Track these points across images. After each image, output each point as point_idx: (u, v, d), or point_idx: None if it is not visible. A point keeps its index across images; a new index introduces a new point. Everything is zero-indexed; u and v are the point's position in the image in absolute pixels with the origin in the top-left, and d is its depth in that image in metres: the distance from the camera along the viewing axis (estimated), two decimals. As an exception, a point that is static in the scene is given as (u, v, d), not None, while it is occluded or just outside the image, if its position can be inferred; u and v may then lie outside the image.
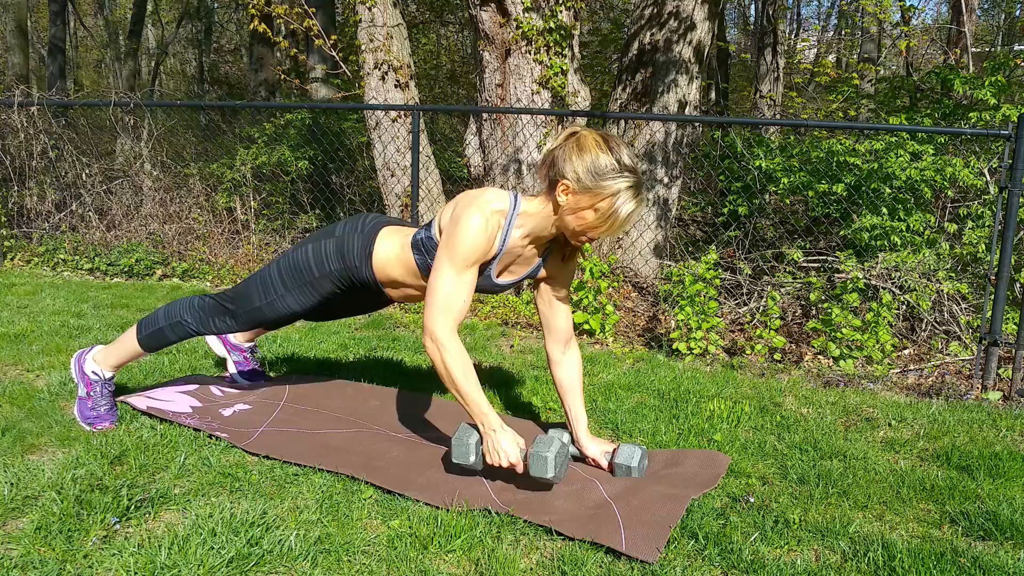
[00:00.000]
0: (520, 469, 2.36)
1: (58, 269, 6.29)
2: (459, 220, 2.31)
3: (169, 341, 2.82)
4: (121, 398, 3.00)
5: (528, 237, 2.45)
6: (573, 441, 2.70)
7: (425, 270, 2.53)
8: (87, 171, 6.78)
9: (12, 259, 6.51)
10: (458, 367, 2.31)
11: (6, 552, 1.97)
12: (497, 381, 3.64)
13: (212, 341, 3.41)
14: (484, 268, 2.45)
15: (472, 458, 2.38)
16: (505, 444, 2.34)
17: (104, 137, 7.48)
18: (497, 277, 2.52)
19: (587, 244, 2.46)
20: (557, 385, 2.74)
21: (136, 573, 1.89)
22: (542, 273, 2.61)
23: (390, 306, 5.28)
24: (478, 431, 2.39)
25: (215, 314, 2.76)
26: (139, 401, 2.96)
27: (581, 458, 2.69)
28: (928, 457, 2.88)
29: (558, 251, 2.59)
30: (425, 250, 2.49)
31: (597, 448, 2.66)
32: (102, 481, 2.35)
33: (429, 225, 2.52)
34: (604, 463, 2.63)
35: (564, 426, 2.82)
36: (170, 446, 2.65)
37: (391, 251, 2.58)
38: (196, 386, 3.23)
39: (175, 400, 3.02)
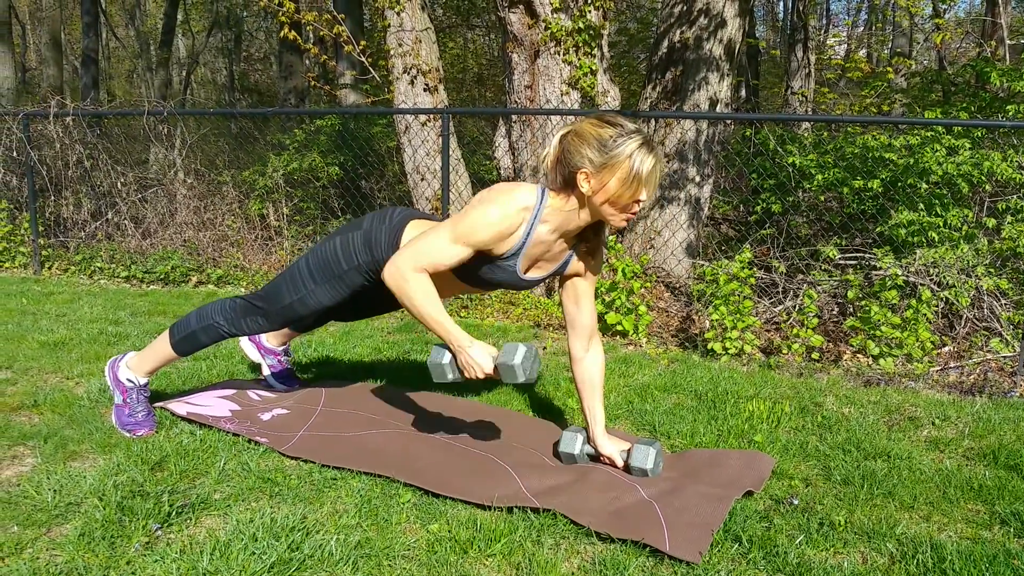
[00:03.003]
0: (495, 376, 2.42)
1: (95, 277, 6.37)
2: (480, 204, 2.36)
3: (202, 344, 2.84)
4: (160, 404, 3.03)
5: (556, 232, 2.45)
6: (589, 439, 2.70)
7: (457, 271, 2.53)
8: (122, 180, 6.86)
9: (50, 268, 6.60)
10: (419, 292, 2.36)
11: (51, 558, 1.99)
12: (531, 384, 3.62)
13: (246, 346, 3.42)
14: (507, 262, 2.45)
15: (450, 376, 2.45)
16: (478, 357, 2.38)
17: (138, 146, 7.57)
18: (524, 273, 2.52)
19: (627, 221, 2.44)
20: (577, 382, 2.74)
21: (179, 579, 1.90)
22: (570, 269, 2.62)
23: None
24: (448, 350, 2.45)
25: (246, 314, 2.77)
26: (178, 407, 2.98)
27: (596, 457, 2.69)
28: (974, 456, 2.82)
29: (583, 245, 2.59)
30: None
31: (613, 447, 2.66)
32: (143, 487, 2.36)
33: None
34: (619, 462, 2.62)
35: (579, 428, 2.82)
36: (210, 451, 2.66)
37: None
38: (234, 391, 3.25)
39: (214, 405, 3.04)
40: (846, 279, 4.69)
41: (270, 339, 3.39)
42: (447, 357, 2.45)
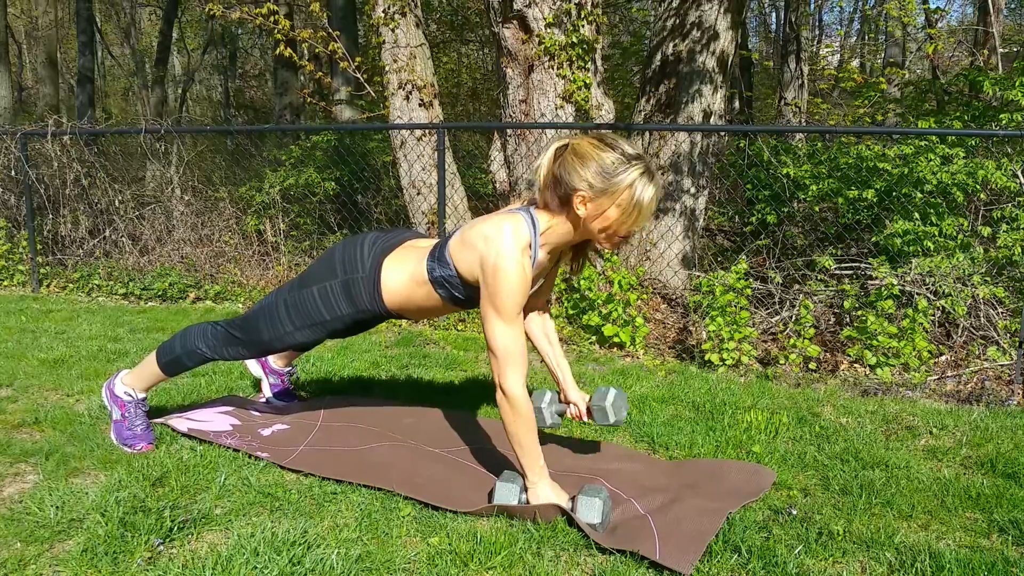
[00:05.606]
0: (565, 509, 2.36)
1: (93, 294, 6.37)
2: (496, 273, 2.27)
3: (188, 367, 2.85)
4: (161, 420, 3.03)
5: (551, 252, 2.48)
6: (559, 391, 2.88)
7: (453, 302, 2.52)
8: (119, 198, 6.88)
9: (48, 286, 6.60)
10: (523, 423, 2.35)
11: (55, 575, 1.99)
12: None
13: (250, 362, 3.43)
14: None
15: (514, 500, 2.39)
16: (552, 497, 2.36)
17: (135, 164, 7.59)
18: None
19: (617, 247, 2.46)
20: (534, 340, 2.84)
21: (181, 594, 1.90)
22: None
23: (419, 323, 5.29)
24: (520, 477, 2.42)
25: (227, 344, 2.77)
26: (179, 423, 2.99)
27: (565, 406, 2.87)
28: (972, 465, 2.83)
29: (572, 254, 2.61)
30: (451, 286, 2.47)
31: (578, 394, 2.84)
32: (145, 503, 2.37)
33: (441, 257, 2.46)
34: (583, 407, 2.81)
35: (548, 390, 2.95)
36: (210, 467, 2.67)
37: (403, 288, 2.55)
38: (234, 407, 3.25)
39: (214, 420, 3.05)
40: (842, 289, 4.71)
41: (276, 360, 3.41)
42: (519, 482, 2.41)
